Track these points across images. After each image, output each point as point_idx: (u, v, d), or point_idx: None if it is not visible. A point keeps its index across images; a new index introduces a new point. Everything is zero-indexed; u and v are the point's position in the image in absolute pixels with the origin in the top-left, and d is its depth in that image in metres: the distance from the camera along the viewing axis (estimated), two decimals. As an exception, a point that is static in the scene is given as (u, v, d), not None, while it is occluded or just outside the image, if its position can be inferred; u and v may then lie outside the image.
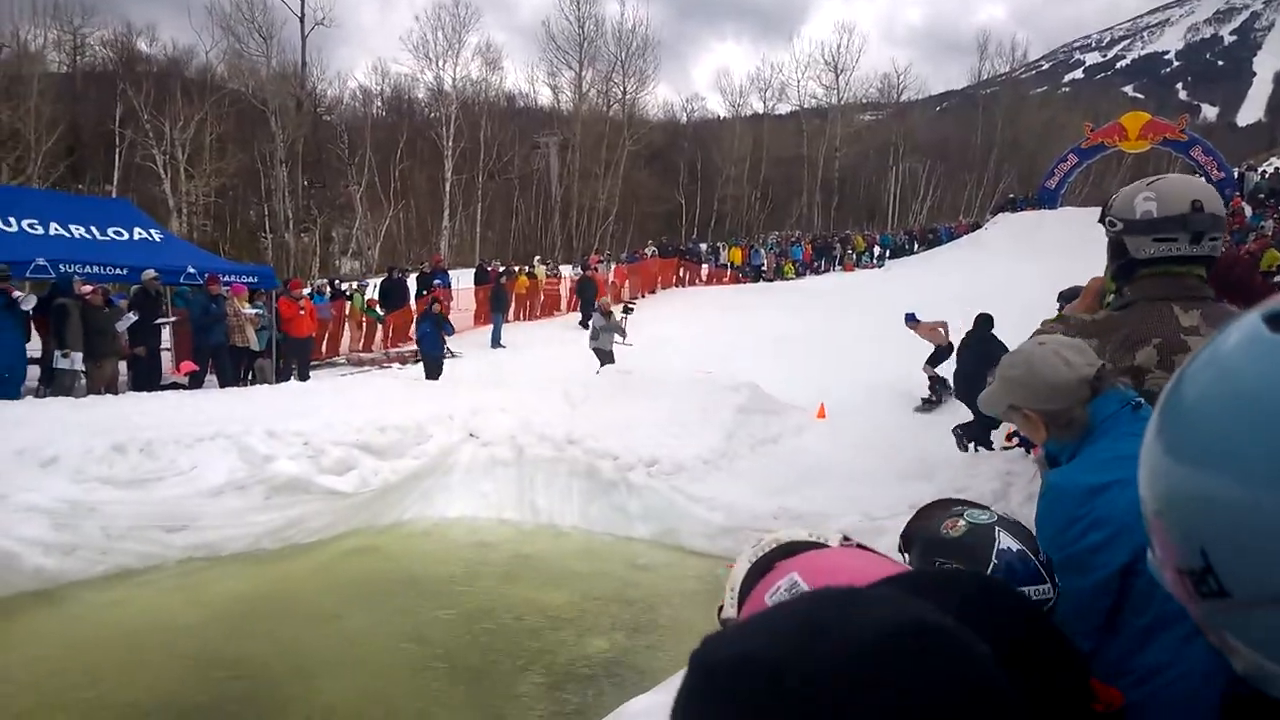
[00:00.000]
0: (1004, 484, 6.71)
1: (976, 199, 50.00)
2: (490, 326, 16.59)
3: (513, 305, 19.19)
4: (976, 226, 34.61)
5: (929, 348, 10.86)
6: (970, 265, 23.57)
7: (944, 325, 10.46)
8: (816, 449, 8.69)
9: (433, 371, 12.08)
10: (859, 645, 0.44)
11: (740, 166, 48.00)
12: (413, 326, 16.77)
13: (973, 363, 8.19)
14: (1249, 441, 0.48)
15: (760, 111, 53.21)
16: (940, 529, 1.26)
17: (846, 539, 1.17)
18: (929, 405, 10.27)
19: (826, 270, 31.14)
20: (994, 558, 1.20)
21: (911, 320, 10.71)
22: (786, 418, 9.42)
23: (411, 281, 17.98)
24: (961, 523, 1.25)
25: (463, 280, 19.23)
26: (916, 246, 34.75)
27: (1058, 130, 46.86)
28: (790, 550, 1.10)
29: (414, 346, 15.89)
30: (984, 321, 8.86)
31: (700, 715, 0.47)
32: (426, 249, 35.91)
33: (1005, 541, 1.21)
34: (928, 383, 10.45)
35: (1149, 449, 0.56)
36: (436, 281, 17.71)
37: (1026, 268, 18.19)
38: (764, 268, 29.86)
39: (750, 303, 21.42)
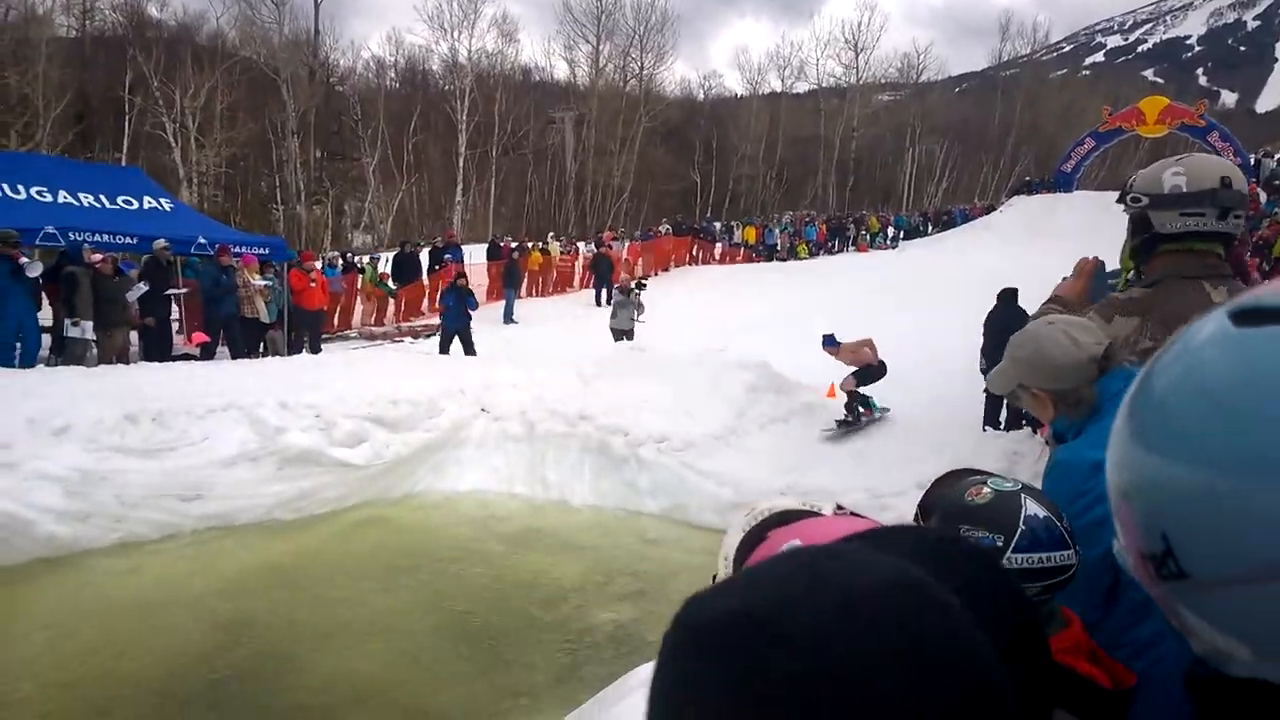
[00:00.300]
0: (1010, 463, 6.71)
1: (993, 182, 49.50)
2: (502, 302, 16.55)
3: (525, 281, 19.14)
4: (991, 209, 34.25)
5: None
6: (982, 247, 23.40)
7: (869, 344, 8.61)
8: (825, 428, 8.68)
9: (449, 346, 11.97)
10: (853, 596, 0.44)
11: (756, 145, 47.60)
12: (424, 301, 16.81)
13: (998, 337, 8.05)
14: (1210, 432, 0.51)
15: (778, 90, 52.76)
16: (964, 496, 1.25)
17: (840, 508, 1.16)
18: (844, 427, 8.19)
19: (840, 250, 30.91)
20: (1021, 523, 1.19)
21: (830, 344, 8.61)
22: (796, 396, 9.38)
23: (424, 256, 17.93)
24: (986, 489, 1.24)
25: (475, 255, 19.16)
26: (931, 228, 34.46)
27: (1077, 114, 46.26)
28: (784, 519, 1.09)
29: (425, 321, 15.95)
30: (1008, 296, 8.68)
31: (690, 676, 0.45)
32: (439, 223, 35.80)
33: (1032, 508, 1.21)
34: (845, 400, 8.48)
35: (1118, 436, 0.59)
36: (448, 256, 17.64)
37: (1038, 250, 18.01)
38: (777, 247, 29.70)
39: (763, 282, 21.33)
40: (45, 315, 10.44)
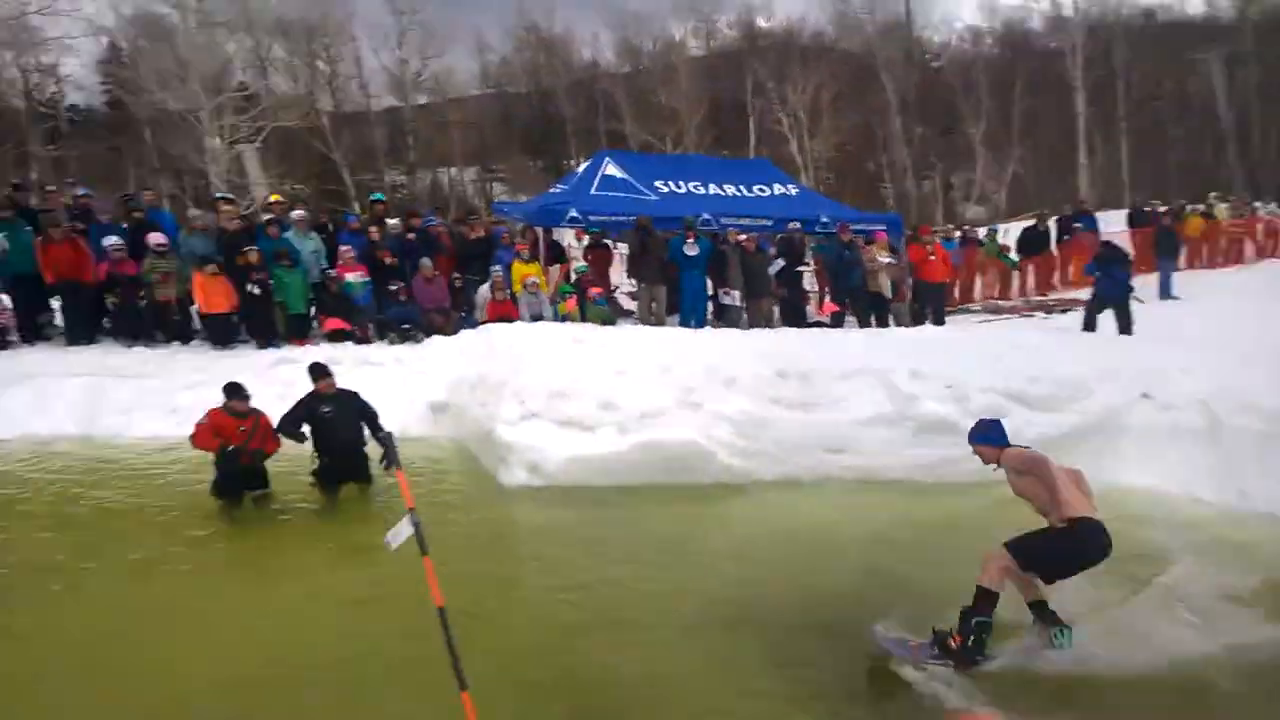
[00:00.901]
0: None
1: None
2: (1155, 275, 14.02)
3: (1184, 251, 15.93)
4: None
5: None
6: None
7: (1078, 480, 4.40)
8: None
9: (1096, 321, 10.35)
10: None
11: None
12: (1054, 274, 15.40)
13: None
14: None
15: None
16: None
17: None
18: (944, 661, 4.20)
19: None
20: None
21: (989, 439, 4.62)
22: None
23: (1051, 225, 16.24)
24: None
25: (1111, 222, 16.69)
26: None
27: None
28: None
29: (1058, 295, 14.84)
30: None
31: None
32: (1061, 191, 32.49)
33: None
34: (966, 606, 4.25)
35: None
36: (1077, 225, 15.66)
37: None
38: None
39: None
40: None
